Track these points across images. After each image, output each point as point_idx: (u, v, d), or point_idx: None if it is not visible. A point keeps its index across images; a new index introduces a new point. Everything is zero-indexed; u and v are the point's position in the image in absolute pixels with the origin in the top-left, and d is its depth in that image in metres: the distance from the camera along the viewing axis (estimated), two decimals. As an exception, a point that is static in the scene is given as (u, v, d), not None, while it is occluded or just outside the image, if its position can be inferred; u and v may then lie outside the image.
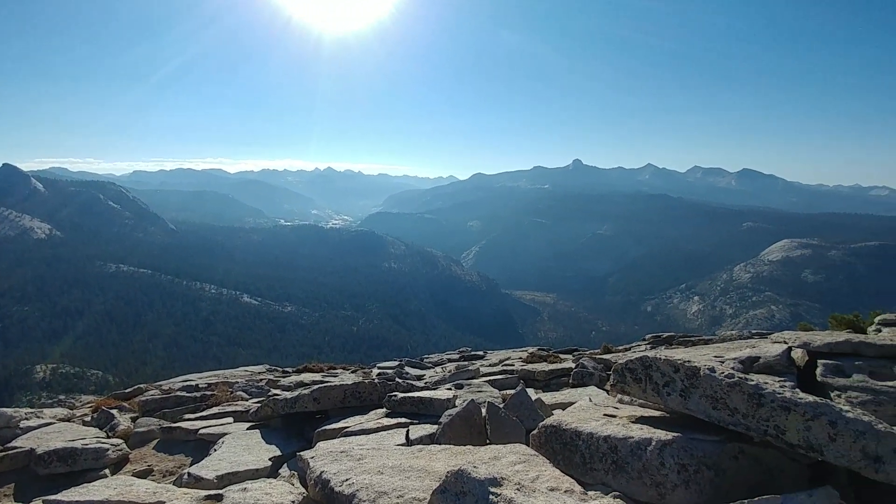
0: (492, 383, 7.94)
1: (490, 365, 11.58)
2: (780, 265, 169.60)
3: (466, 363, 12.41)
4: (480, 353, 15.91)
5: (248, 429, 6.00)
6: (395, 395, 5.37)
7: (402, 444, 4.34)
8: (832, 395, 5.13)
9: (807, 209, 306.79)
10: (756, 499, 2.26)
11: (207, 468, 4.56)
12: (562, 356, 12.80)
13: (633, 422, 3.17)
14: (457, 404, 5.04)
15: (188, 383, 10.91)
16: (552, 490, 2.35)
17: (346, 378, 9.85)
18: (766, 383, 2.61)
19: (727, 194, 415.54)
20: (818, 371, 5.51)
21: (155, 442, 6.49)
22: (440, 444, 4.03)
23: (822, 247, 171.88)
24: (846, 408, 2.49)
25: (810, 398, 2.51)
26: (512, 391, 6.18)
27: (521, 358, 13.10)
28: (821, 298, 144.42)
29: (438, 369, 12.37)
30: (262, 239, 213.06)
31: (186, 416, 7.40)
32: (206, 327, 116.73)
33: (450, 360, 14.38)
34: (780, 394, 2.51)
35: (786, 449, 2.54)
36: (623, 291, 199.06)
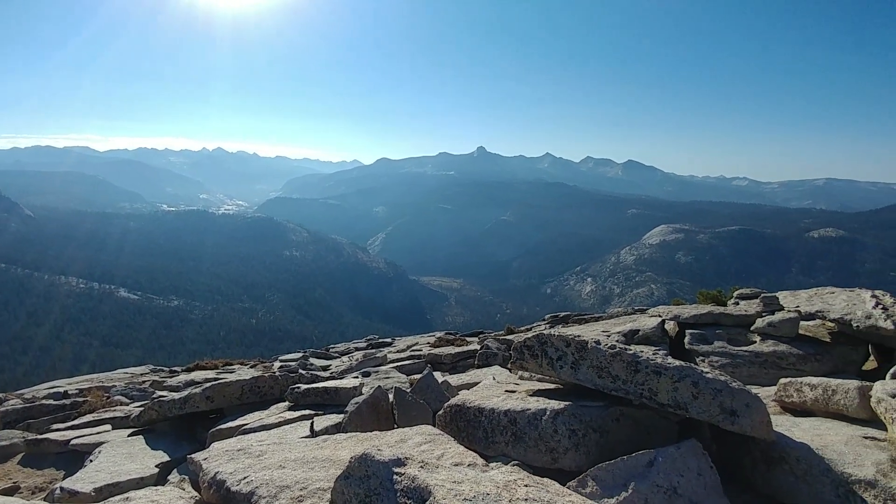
0: (399, 369, 7.99)
1: (398, 351, 11.64)
2: (659, 248, 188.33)
3: (374, 351, 12.35)
4: (388, 340, 15.93)
5: (129, 435, 5.50)
6: (299, 388, 5.21)
7: (306, 437, 4.23)
8: (697, 359, 5.86)
9: (680, 197, 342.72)
10: (634, 454, 2.52)
11: (83, 480, 4.12)
12: (468, 339, 13.20)
13: (530, 395, 3.38)
14: (363, 392, 5.01)
15: (55, 390, 9.72)
16: (456, 465, 2.43)
17: (244, 373, 9.36)
18: (642, 352, 2.91)
19: (615, 183, 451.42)
20: (686, 340, 6.27)
21: (20, 456, 5.76)
22: (347, 432, 3.99)
23: (693, 231, 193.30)
24: (707, 370, 2.85)
25: (678, 363, 2.84)
26: (419, 375, 6.28)
27: (428, 343, 13.31)
28: (691, 277, 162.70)
29: (345, 359, 12.19)
30: (142, 226, 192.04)
31: (55, 426, 6.62)
32: (75, 327, 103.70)
33: (357, 349, 14.22)
34: (653, 360, 2.81)
35: (658, 409, 2.86)
36: (525, 275, 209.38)
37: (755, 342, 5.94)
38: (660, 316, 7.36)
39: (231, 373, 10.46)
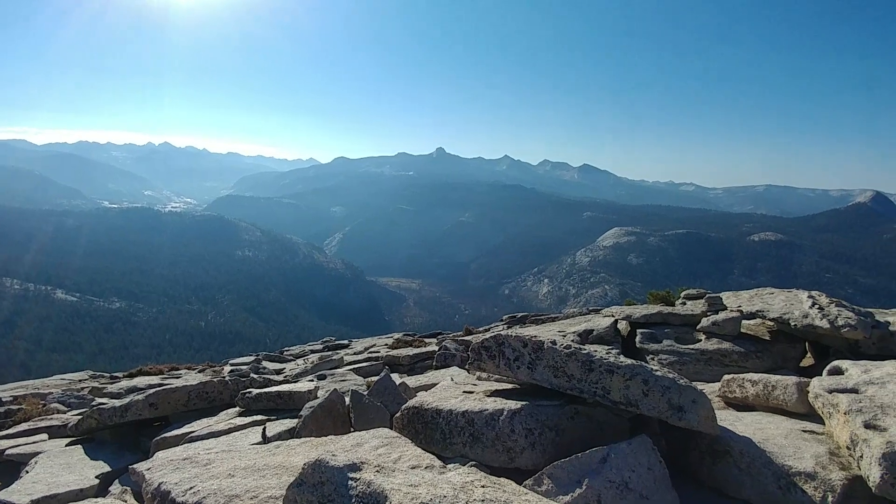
0: (357, 371, 7.87)
1: (355, 353, 11.47)
2: (612, 250, 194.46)
3: (330, 353, 12.12)
4: (345, 342, 15.68)
5: (67, 445, 5.19)
6: (250, 392, 5.02)
7: (258, 443, 4.09)
8: (648, 357, 6.06)
9: (632, 201, 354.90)
10: (588, 451, 2.57)
11: (19, 492, 3.87)
12: (426, 340, 13.17)
13: (488, 396, 3.39)
14: (319, 395, 4.89)
15: (-17, 399, 8.98)
16: (413, 468, 2.40)
17: (191, 379, 8.98)
18: (596, 351, 2.97)
19: (571, 187, 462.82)
20: (637, 339, 6.48)
21: (-53, 470, 5.29)
22: (301, 437, 3.88)
23: (644, 234, 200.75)
24: (656, 368, 2.94)
25: (629, 362, 2.92)
26: (377, 378, 6.19)
27: (386, 344, 13.19)
28: (642, 278, 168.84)
29: (300, 362, 11.90)
30: (81, 224, 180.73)
31: (-17, 437, 6.11)
32: (8, 331, 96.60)
33: (312, 352, 13.92)
34: (606, 359, 2.88)
35: (611, 406, 2.93)
36: (484, 276, 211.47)
37: (701, 340, 6.20)
38: (613, 316, 7.58)
39: (177, 378, 10.00)
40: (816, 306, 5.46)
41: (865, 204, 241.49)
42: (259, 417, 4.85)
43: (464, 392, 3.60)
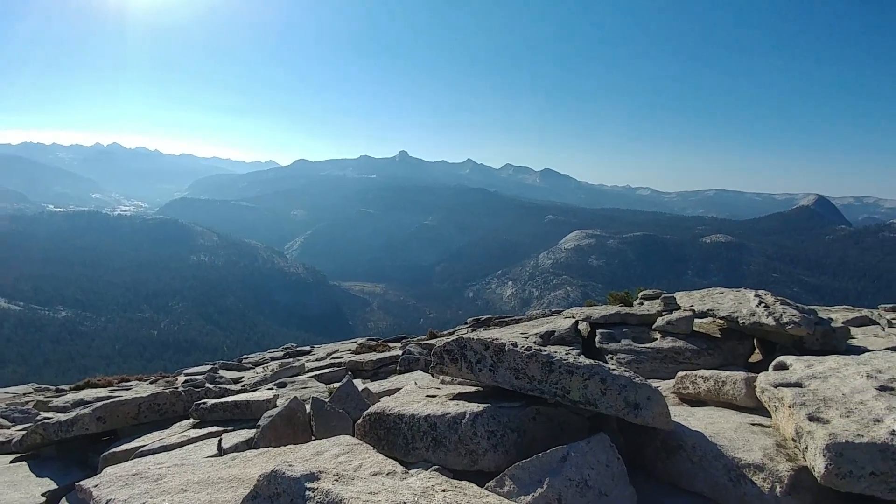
0: (318, 378, 7.73)
1: (317, 360, 11.26)
2: (573, 252, 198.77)
3: (291, 360, 11.85)
4: (307, 348, 15.38)
5: (12, 462, 4.94)
6: (205, 403, 4.84)
7: (213, 456, 3.94)
8: (607, 357, 6.21)
9: (592, 205, 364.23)
10: (548, 451, 2.60)
11: (-41, 514, 3.60)
12: (391, 345, 13.08)
13: (450, 399, 3.38)
14: (278, 404, 4.76)
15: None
16: (374, 475, 2.37)
17: (142, 390, 8.59)
18: (556, 352, 3.02)
19: (533, 190, 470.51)
20: (597, 339, 6.62)
21: None
22: (259, 448, 3.76)
23: (603, 236, 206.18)
24: (614, 367, 3.01)
25: (588, 362, 2.98)
26: (339, 384, 6.09)
27: (350, 350, 13.02)
28: (602, 279, 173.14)
29: (259, 369, 11.57)
30: (24, 228, 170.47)
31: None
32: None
33: (273, 359, 13.57)
34: (565, 360, 2.93)
35: (571, 406, 2.98)
36: (448, 279, 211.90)
37: (657, 339, 6.40)
38: (573, 317, 7.73)
39: (127, 390, 9.56)
40: (763, 305, 5.73)
41: (809, 207, 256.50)
42: (215, 429, 4.69)
43: (427, 396, 3.58)
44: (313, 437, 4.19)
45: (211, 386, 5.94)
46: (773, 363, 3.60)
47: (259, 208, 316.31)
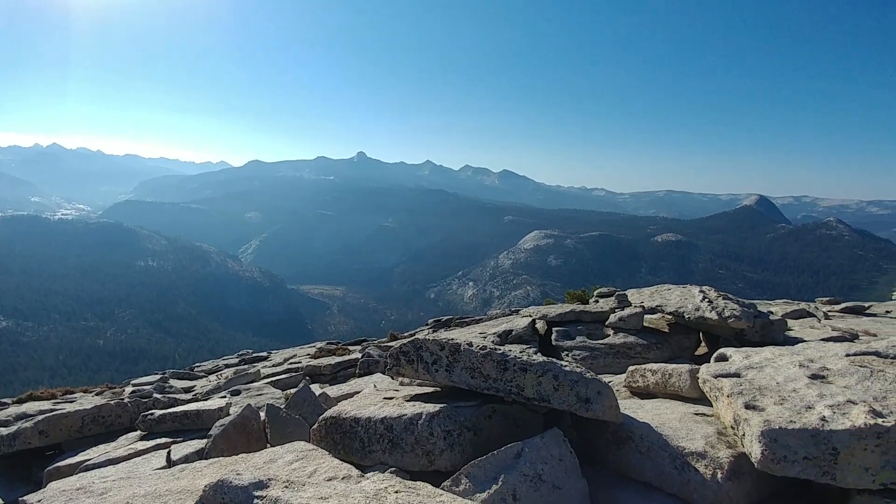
0: (275, 384, 7.55)
1: (274, 365, 10.99)
2: (532, 252, 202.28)
3: (247, 367, 11.50)
4: (264, 354, 14.97)
5: (-59, 483, 4.53)
6: (152, 414, 4.65)
7: (161, 468, 3.79)
8: (563, 354, 6.36)
9: (550, 205, 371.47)
10: (503, 448, 2.65)
11: None
12: (350, 348, 12.91)
13: (408, 400, 3.38)
14: (231, 412, 4.63)
15: None
16: (329, 480, 2.34)
17: (87, 402, 8.13)
18: (510, 351, 3.07)
19: (492, 191, 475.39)
20: (553, 336, 6.78)
21: None
22: (211, 458, 3.64)
23: (561, 236, 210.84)
24: (566, 364, 3.09)
25: (541, 359, 3.05)
26: (295, 389, 5.97)
27: (308, 354, 12.77)
28: (561, 278, 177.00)
29: (213, 377, 11.18)
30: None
31: None
32: None
33: (227, 366, 13.14)
34: (519, 358, 2.99)
35: (526, 403, 3.04)
36: (409, 281, 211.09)
37: (609, 335, 6.61)
38: (531, 316, 7.87)
39: (71, 402, 9.01)
40: (707, 300, 6.02)
41: (751, 207, 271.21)
42: (164, 440, 4.53)
43: (384, 398, 3.57)
44: (269, 445, 4.09)
45: (159, 396, 5.70)
46: (715, 355, 3.79)
47: (210, 211, 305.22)
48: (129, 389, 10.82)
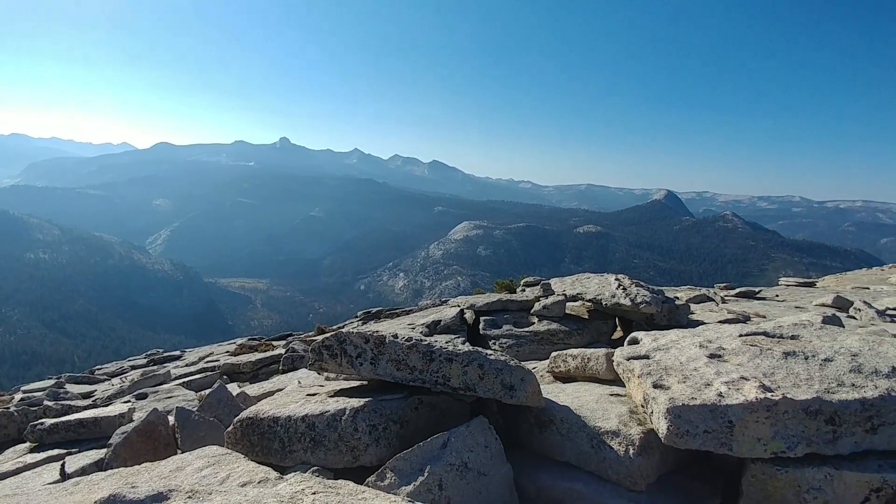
0: (188, 385, 7.08)
1: (187, 365, 10.30)
2: (463, 243, 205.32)
3: (156, 367, 10.69)
4: (176, 353, 14.02)
5: None
6: (42, 423, 4.17)
7: (54, 482, 3.42)
8: (490, 342, 6.48)
9: (479, 197, 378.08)
10: (429, 439, 2.63)
11: None
12: (275, 343, 12.42)
13: (331, 396, 3.27)
14: (135, 418, 4.26)
15: None
16: (243, 485, 2.20)
17: (-35, 414, 7.17)
18: (436, 341, 3.05)
19: (422, 182, 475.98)
20: (481, 326, 6.89)
21: None
22: (112, 469, 3.32)
23: (490, 227, 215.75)
24: (491, 353, 3.13)
25: (466, 349, 3.06)
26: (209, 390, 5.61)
27: (227, 352, 12.13)
28: (490, 268, 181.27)
29: (116, 381, 10.27)
30: None
31: None
32: None
33: (133, 368, 12.13)
34: (445, 349, 2.98)
35: (452, 393, 3.04)
36: (338, 272, 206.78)
37: (534, 323, 6.83)
38: (459, 306, 7.95)
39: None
40: (621, 287, 6.38)
41: (660, 201, 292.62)
42: (57, 452, 4.09)
43: (307, 395, 3.43)
44: (179, 452, 3.81)
45: (51, 403, 5.11)
46: (627, 339, 4.02)
47: (112, 197, 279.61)
48: (18, 397, 9.69)
